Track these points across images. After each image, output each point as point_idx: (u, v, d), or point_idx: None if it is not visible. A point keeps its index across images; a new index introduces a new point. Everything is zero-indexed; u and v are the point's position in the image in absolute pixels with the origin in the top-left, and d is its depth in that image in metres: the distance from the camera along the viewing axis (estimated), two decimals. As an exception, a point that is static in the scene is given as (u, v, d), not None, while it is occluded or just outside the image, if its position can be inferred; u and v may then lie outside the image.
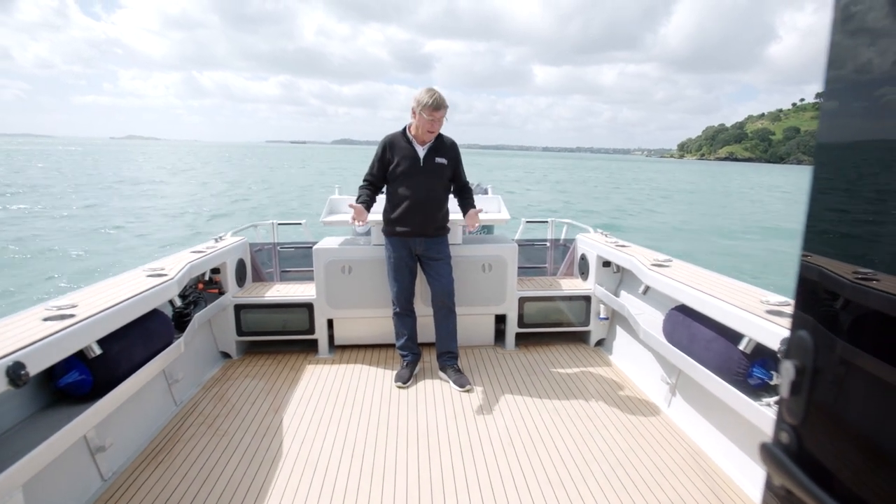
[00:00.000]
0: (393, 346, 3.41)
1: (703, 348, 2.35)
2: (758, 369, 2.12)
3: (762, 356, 2.11)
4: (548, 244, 4.19)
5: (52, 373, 2.01)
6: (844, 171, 0.64)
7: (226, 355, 3.44)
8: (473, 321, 3.55)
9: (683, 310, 2.58)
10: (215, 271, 3.36)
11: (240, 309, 3.38)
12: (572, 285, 3.71)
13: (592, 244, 3.62)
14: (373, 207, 3.04)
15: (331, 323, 3.49)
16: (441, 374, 3.11)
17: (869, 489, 0.56)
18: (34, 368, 1.64)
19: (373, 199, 3.00)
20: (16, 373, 1.54)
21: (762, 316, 2.01)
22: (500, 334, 3.65)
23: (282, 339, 3.51)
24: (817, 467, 0.62)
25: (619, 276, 3.58)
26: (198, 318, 2.91)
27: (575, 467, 2.20)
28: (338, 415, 2.65)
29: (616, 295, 3.50)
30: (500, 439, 2.42)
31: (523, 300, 3.54)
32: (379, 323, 3.47)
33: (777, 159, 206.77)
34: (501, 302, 3.49)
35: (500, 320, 3.62)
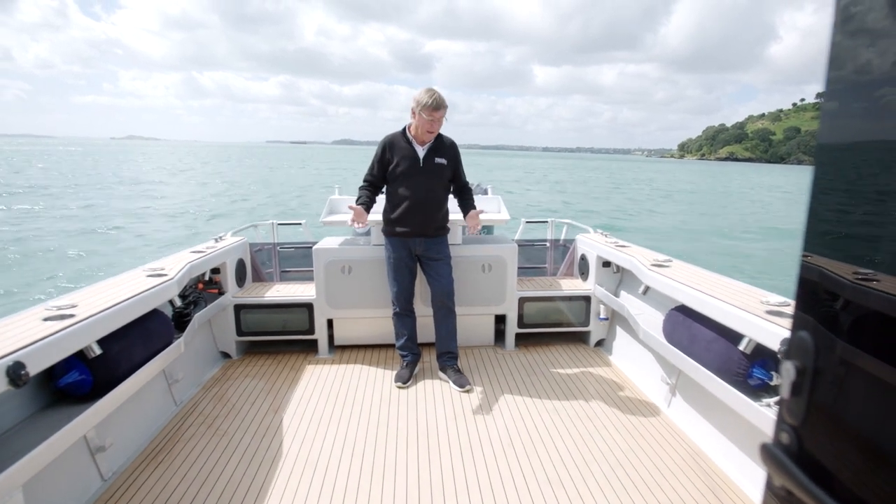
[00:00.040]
0: (393, 346, 3.41)
1: (703, 349, 2.35)
2: (758, 370, 2.11)
3: (762, 357, 2.11)
4: (548, 244, 4.19)
5: (52, 373, 2.01)
6: (845, 172, 0.64)
7: (226, 355, 3.44)
8: (473, 321, 3.55)
9: (683, 310, 2.58)
10: (215, 271, 3.36)
11: (240, 309, 3.38)
12: (572, 285, 3.70)
13: (592, 244, 3.62)
14: (373, 208, 3.04)
15: (331, 323, 3.49)
16: (441, 374, 3.11)
17: (869, 490, 0.56)
18: (34, 368, 1.64)
19: (372, 200, 3.01)
20: (16, 373, 1.54)
21: (762, 316, 2.01)
22: (499, 334, 3.65)
23: (282, 339, 3.50)
24: (818, 468, 0.62)
25: (619, 277, 3.57)
26: (198, 318, 2.91)
27: (575, 467, 2.20)
28: (338, 415, 2.65)
29: (616, 295, 3.50)
30: (500, 439, 2.42)
31: (523, 300, 3.54)
32: (379, 323, 3.47)
33: (777, 159, 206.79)
34: (501, 302, 3.49)
35: (500, 320, 3.62)
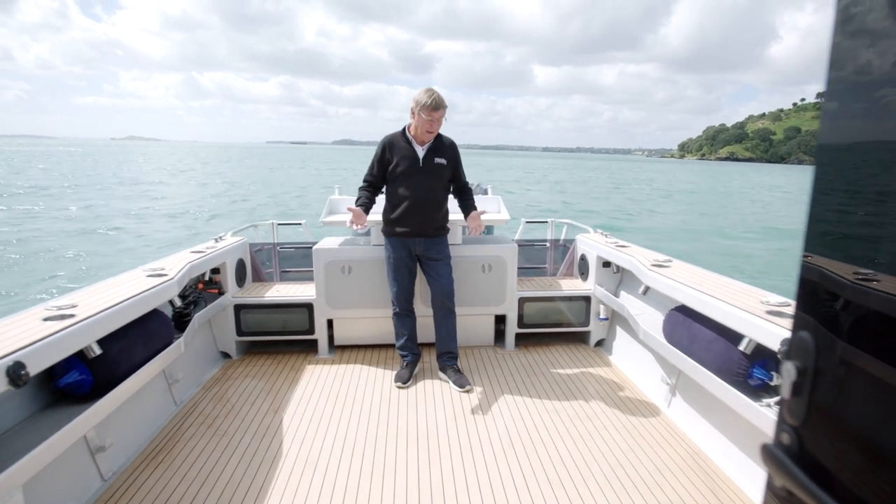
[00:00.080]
0: (393, 346, 3.41)
1: (703, 349, 2.35)
2: (758, 370, 2.11)
3: (762, 357, 2.11)
4: (548, 244, 4.19)
5: (52, 373, 2.01)
6: (845, 172, 0.64)
7: (226, 355, 3.44)
8: (473, 321, 3.55)
9: (683, 310, 2.58)
10: (215, 271, 3.36)
11: (240, 309, 3.38)
12: (572, 286, 3.70)
13: (592, 244, 3.62)
14: (373, 208, 3.04)
15: (330, 323, 3.49)
16: (441, 374, 3.11)
17: (870, 490, 0.56)
18: (34, 368, 1.64)
19: (372, 200, 3.00)
20: (16, 373, 1.54)
21: (762, 316, 2.01)
22: (499, 335, 3.64)
23: (282, 339, 3.50)
24: (818, 468, 0.62)
25: (619, 277, 3.57)
26: (198, 318, 2.91)
27: (575, 468, 2.20)
28: (338, 415, 2.65)
29: (616, 295, 3.50)
30: (500, 440, 2.42)
31: (523, 300, 3.54)
32: (379, 323, 3.47)
33: (778, 159, 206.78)
34: (501, 302, 3.49)
35: (500, 320, 3.61)
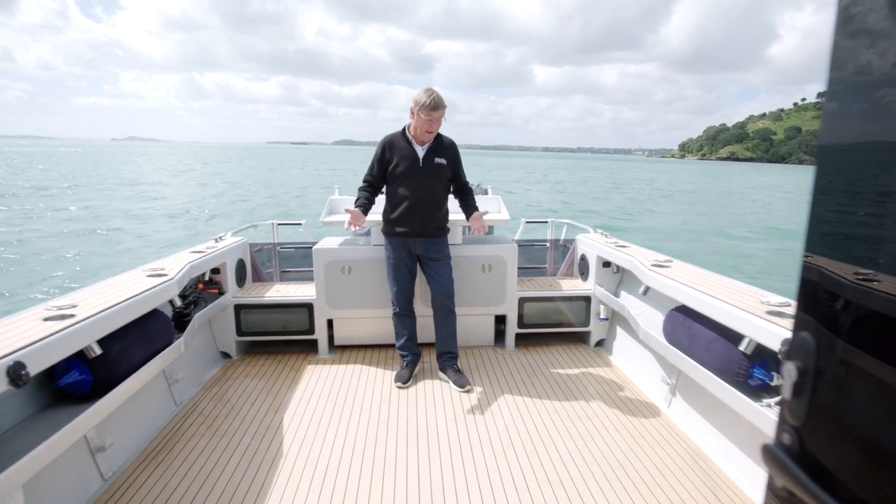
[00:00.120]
0: (393, 346, 3.41)
1: (703, 349, 2.35)
2: (758, 370, 2.11)
3: (763, 357, 2.11)
4: (548, 244, 4.19)
5: (52, 373, 2.01)
6: (846, 173, 0.64)
7: (226, 355, 3.44)
8: (473, 321, 3.55)
9: (684, 310, 2.58)
10: (215, 271, 3.36)
11: (240, 309, 3.38)
12: (572, 286, 3.70)
13: (592, 244, 3.62)
14: (373, 208, 3.04)
15: (331, 323, 3.49)
16: (441, 374, 3.11)
17: (872, 491, 0.56)
18: (34, 368, 1.64)
19: (371, 201, 3.00)
20: (16, 373, 1.54)
21: (763, 317, 2.01)
22: (499, 335, 3.64)
23: (282, 339, 3.50)
24: (819, 469, 0.62)
25: (619, 277, 3.57)
26: (198, 318, 2.91)
27: (575, 468, 2.20)
28: (338, 415, 2.65)
29: (616, 295, 3.50)
30: (500, 439, 2.41)
31: (523, 300, 3.54)
32: (379, 323, 3.46)
33: (779, 159, 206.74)
34: (501, 302, 3.49)
35: (500, 321, 3.61)
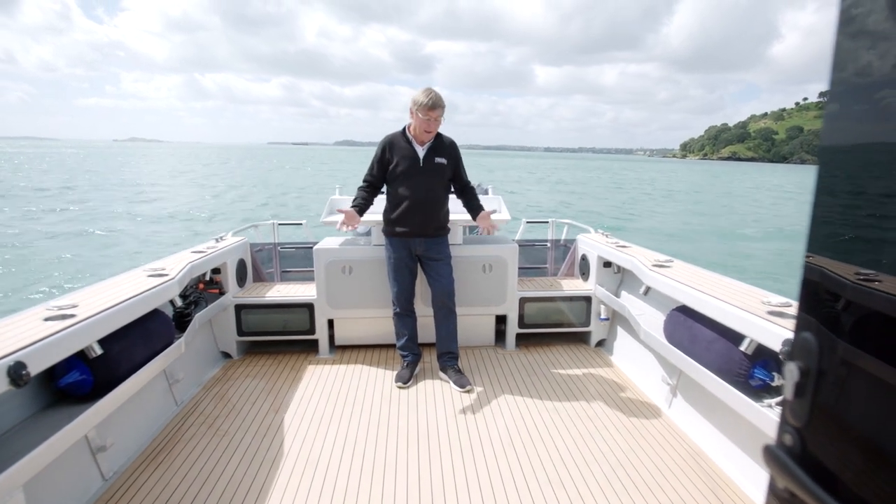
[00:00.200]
0: (393, 346, 3.40)
1: (704, 349, 2.35)
2: (759, 370, 2.11)
3: (763, 357, 2.10)
4: (548, 245, 4.18)
5: (52, 373, 2.01)
6: (848, 174, 0.63)
7: (226, 355, 3.44)
8: (474, 321, 3.55)
9: (684, 310, 2.57)
10: (216, 271, 3.36)
11: (240, 309, 3.38)
12: (573, 286, 3.70)
13: (593, 244, 3.61)
14: (372, 208, 3.03)
15: (331, 323, 3.49)
16: (441, 374, 3.11)
17: (873, 492, 0.56)
18: (35, 368, 1.64)
19: (368, 202, 2.98)
20: (17, 373, 1.54)
21: (763, 317, 2.01)
22: (500, 335, 3.64)
23: (282, 339, 3.50)
24: (821, 470, 0.61)
25: (620, 277, 3.57)
26: (198, 318, 2.91)
27: (575, 468, 2.20)
28: (338, 415, 2.65)
29: (617, 295, 3.49)
30: (501, 440, 2.41)
31: (524, 300, 3.53)
32: (379, 323, 3.46)
33: (780, 159, 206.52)
34: (502, 302, 3.49)
35: (501, 321, 3.61)
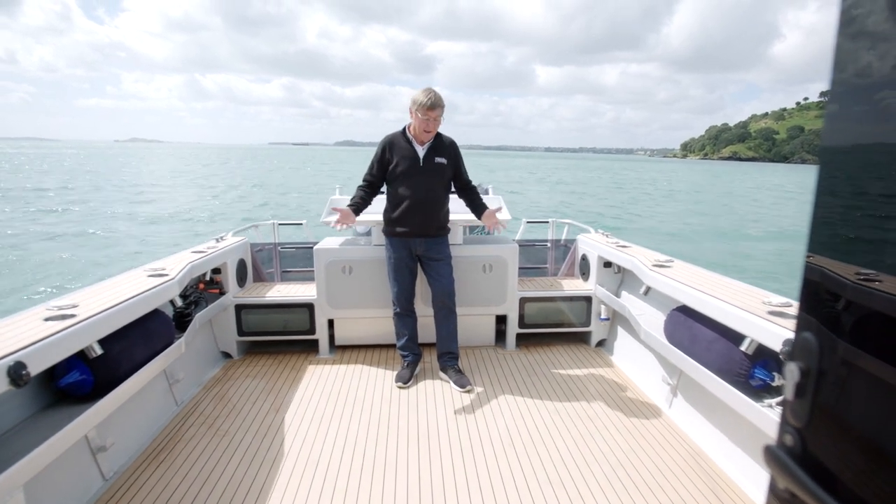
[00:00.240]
0: (393, 346, 3.40)
1: (704, 349, 2.34)
2: (759, 370, 2.10)
3: (764, 357, 2.10)
4: (549, 244, 4.18)
5: (52, 373, 2.01)
6: (849, 174, 0.63)
7: (227, 355, 3.44)
8: (474, 321, 3.54)
9: (685, 310, 2.57)
10: (216, 271, 3.36)
11: (241, 309, 3.38)
12: (573, 286, 3.70)
13: (593, 245, 3.61)
14: (372, 208, 3.03)
15: (331, 323, 3.49)
16: (442, 374, 3.11)
17: (874, 492, 0.55)
18: (35, 368, 1.64)
19: (366, 201, 2.97)
20: (17, 373, 1.54)
21: (764, 317, 2.00)
22: (500, 335, 3.64)
23: (282, 339, 3.50)
24: (822, 470, 0.61)
25: (620, 277, 3.57)
26: (199, 318, 2.91)
27: (575, 468, 2.20)
28: (338, 415, 2.65)
29: (617, 295, 3.49)
30: (501, 439, 2.41)
31: (524, 300, 3.53)
32: (379, 323, 3.46)
33: (781, 158, 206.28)
34: (502, 302, 3.49)
35: (501, 321, 3.61)
